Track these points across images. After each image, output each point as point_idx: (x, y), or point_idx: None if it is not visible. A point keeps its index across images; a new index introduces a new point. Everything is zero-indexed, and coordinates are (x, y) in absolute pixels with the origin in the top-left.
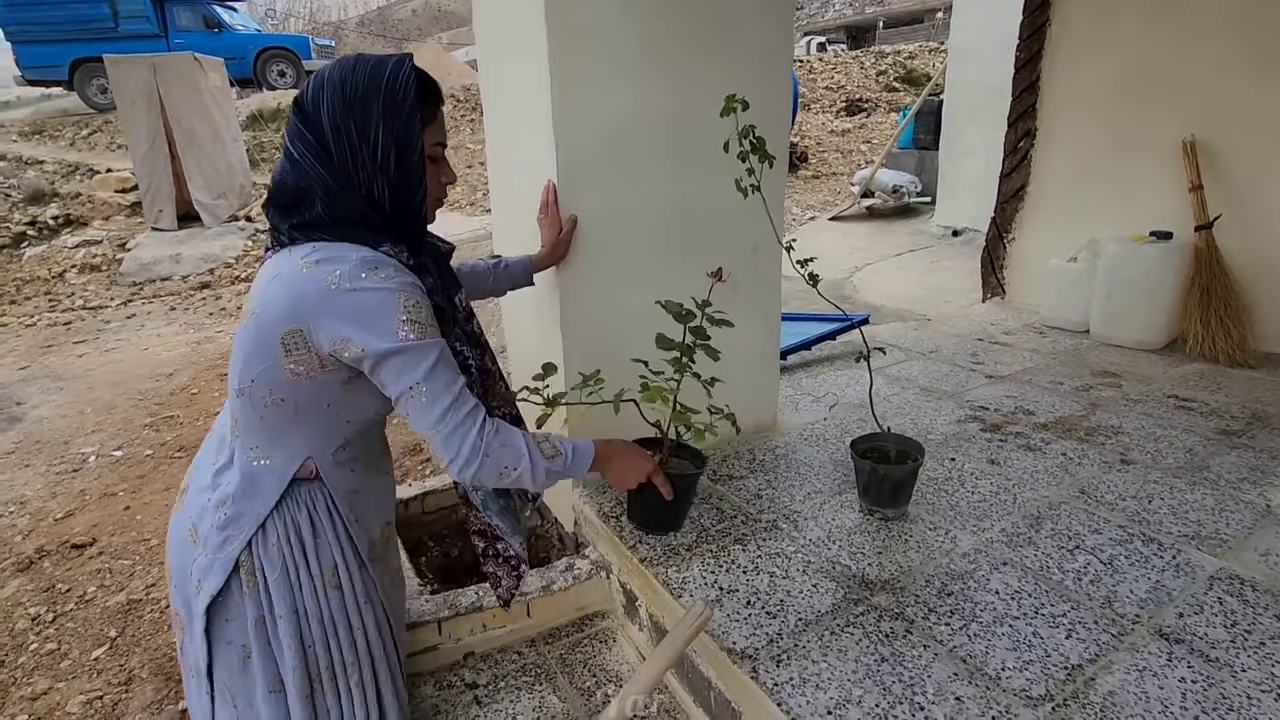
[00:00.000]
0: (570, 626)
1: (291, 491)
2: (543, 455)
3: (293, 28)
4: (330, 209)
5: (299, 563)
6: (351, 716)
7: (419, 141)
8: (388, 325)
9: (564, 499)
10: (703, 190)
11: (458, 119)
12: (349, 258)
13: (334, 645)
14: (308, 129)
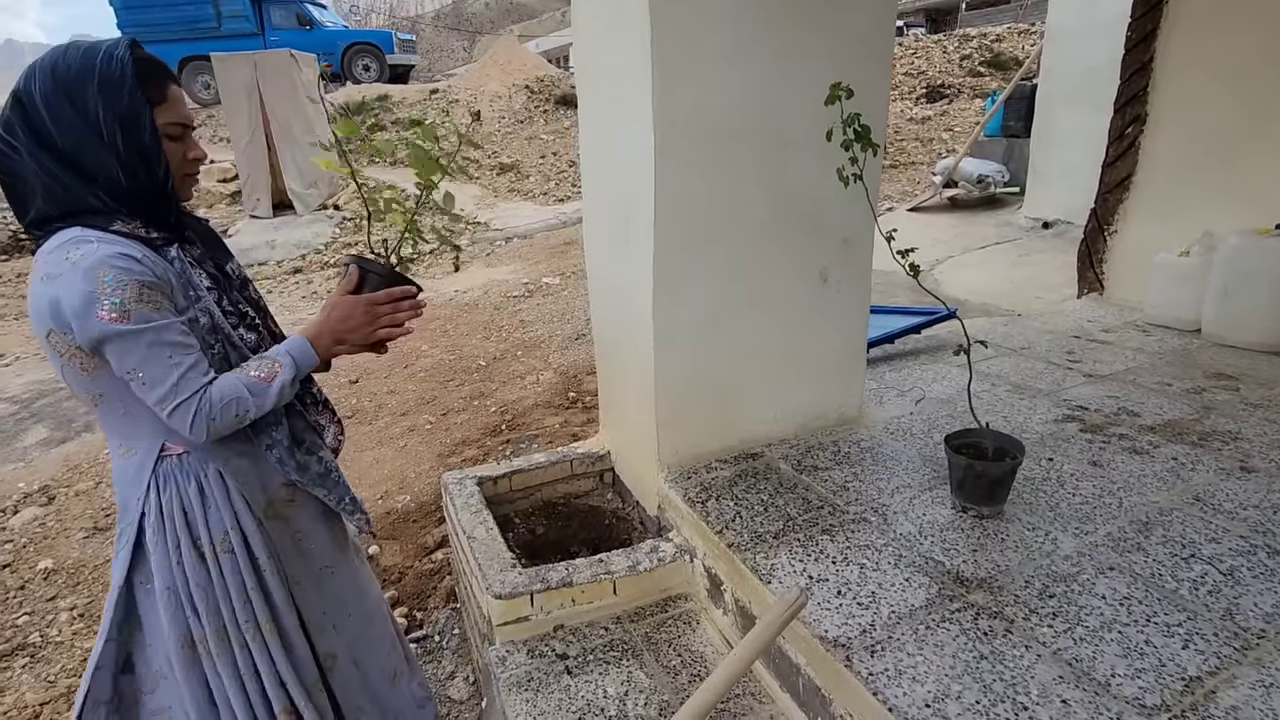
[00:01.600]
0: (654, 607)
1: (166, 469)
2: (264, 382)
3: (374, 23)
4: (51, 201)
5: (183, 535)
6: (249, 671)
7: (147, 119)
8: (91, 311)
9: (649, 483)
10: (797, 179)
11: (531, 110)
12: (51, 247)
13: (225, 609)
14: (27, 120)
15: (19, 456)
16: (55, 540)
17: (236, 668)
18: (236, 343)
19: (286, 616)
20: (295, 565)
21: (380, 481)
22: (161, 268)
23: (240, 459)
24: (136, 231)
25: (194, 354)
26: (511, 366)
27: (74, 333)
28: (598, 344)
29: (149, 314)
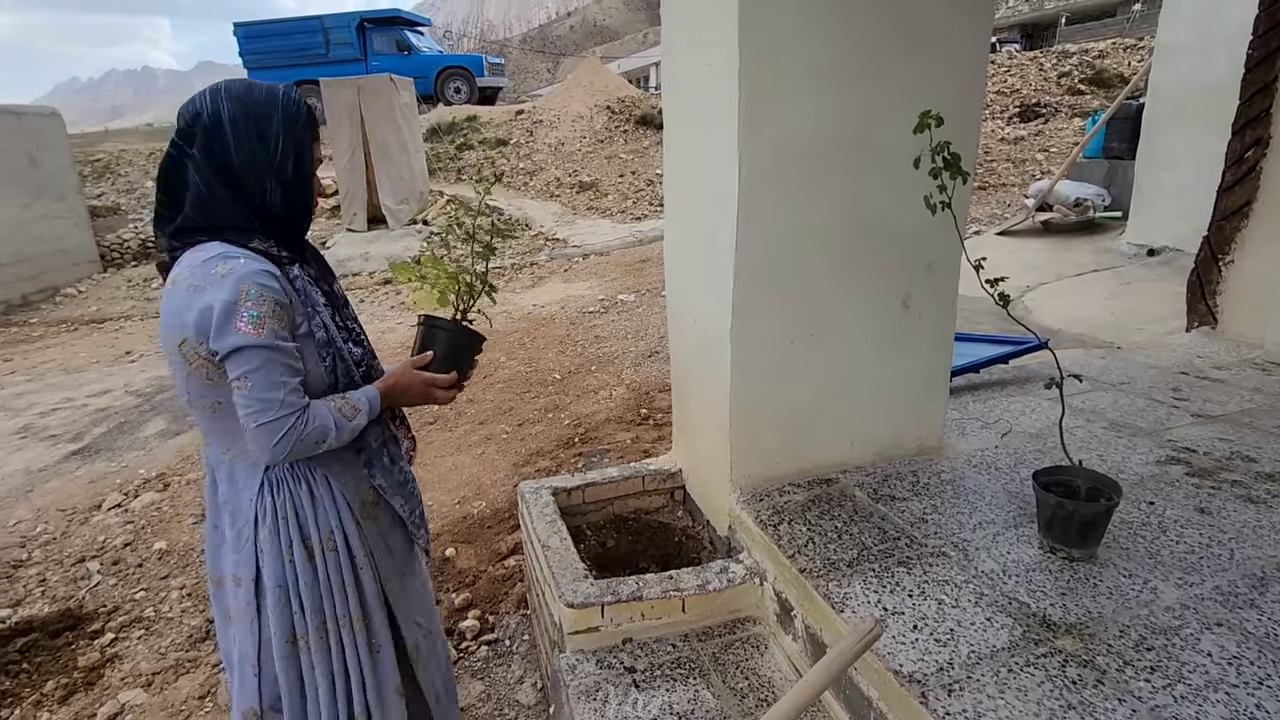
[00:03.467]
0: (722, 627)
1: (278, 473)
2: (346, 420)
3: (465, 47)
4: (201, 212)
5: (295, 535)
6: (341, 664)
7: (310, 152)
8: (231, 321)
9: (720, 503)
10: (881, 204)
11: (611, 130)
12: (199, 261)
13: (326, 604)
14: (208, 136)
15: (140, 445)
16: (169, 524)
17: (330, 664)
18: (345, 356)
19: (376, 613)
20: (385, 563)
21: (458, 487)
22: (288, 290)
23: (339, 463)
24: (270, 250)
25: (299, 378)
26: (585, 381)
27: (209, 341)
28: (674, 363)
29: (278, 331)
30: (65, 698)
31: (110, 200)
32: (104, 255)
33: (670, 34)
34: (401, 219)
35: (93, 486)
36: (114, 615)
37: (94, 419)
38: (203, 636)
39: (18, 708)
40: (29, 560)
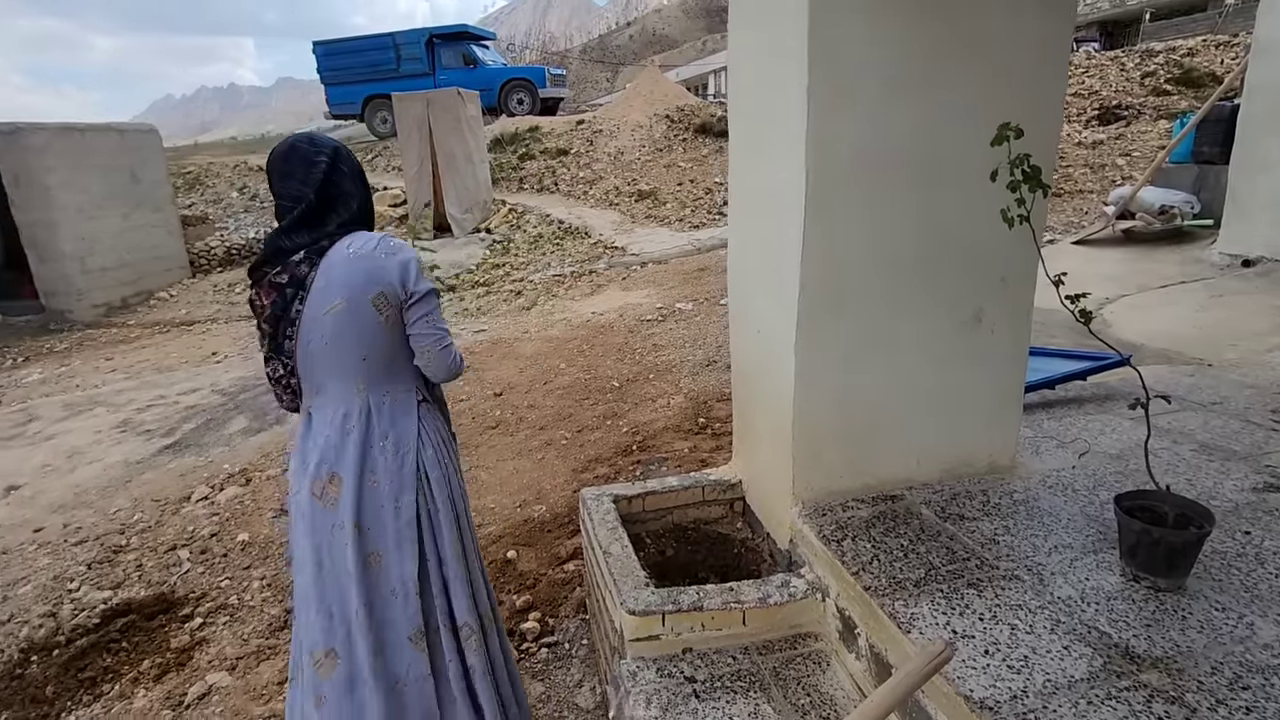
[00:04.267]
0: (783, 642)
1: (425, 409)
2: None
3: (527, 59)
4: (351, 212)
5: (449, 457)
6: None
7: None
8: (420, 273)
9: (781, 516)
10: (953, 216)
11: (670, 138)
12: (376, 239)
13: (467, 521)
14: (345, 166)
15: (225, 442)
16: (250, 517)
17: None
18: None
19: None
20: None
21: (519, 491)
22: None
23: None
24: None
25: None
26: (644, 389)
27: (409, 285)
28: (735, 373)
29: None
30: (159, 676)
31: (199, 210)
32: (193, 261)
33: (737, 46)
34: (466, 227)
35: (183, 479)
36: (202, 601)
37: (184, 416)
38: (281, 625)
39: (118, 683)
40: (127, 546)
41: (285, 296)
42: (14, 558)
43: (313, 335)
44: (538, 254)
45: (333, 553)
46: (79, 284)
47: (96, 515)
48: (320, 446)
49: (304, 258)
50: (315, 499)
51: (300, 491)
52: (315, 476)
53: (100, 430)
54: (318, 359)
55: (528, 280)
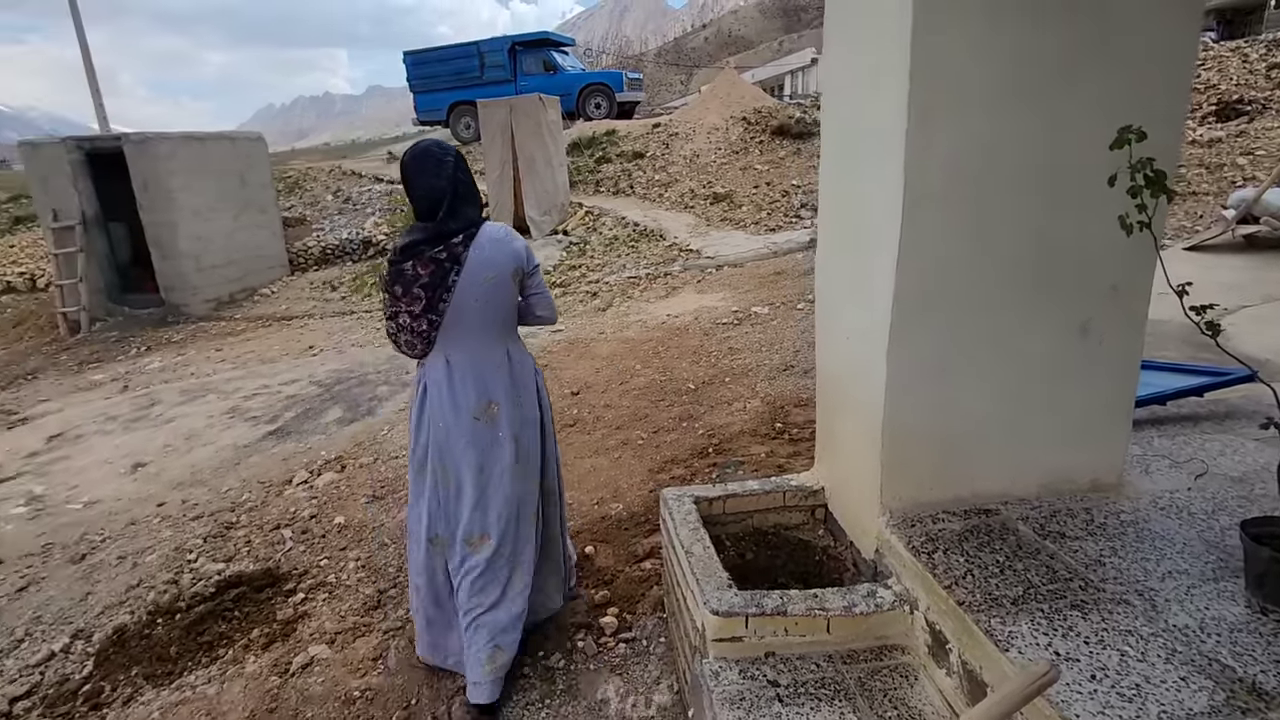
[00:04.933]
0: (868, 652)
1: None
2: None
3: (603, 63)
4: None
5: (546, 402)
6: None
7: None
8: (531, 254)
9: (866, 525)
10: (1060, 222)
11: (748, 141)
12: (504, 229)
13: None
14: (465, 165)
15: (322, 430)
16: (345, 501)
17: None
18: None
19: None
20: None
21: (596, 488)
22: None
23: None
24: None
25: None
26: (719, 392)
27: (526, 264)
28: (821, 379)
29: None
30: (267, 645)
31: (298, 212)
32: (291, 260)
33: (834, 53)
34: (544, 229)
35: (285, 464)
36: (304, 578)
37: (285, 404)
38: (374, 605)
39: (231, 648)
40: (237, 523)
41: (444, 269)
42: (141, 528)
43: (468, 300)
44: (613, 256)
45: (491, 457)
46: (194, 280)
47: (210, 493)
48: (474, 382)
49: (460, 240)
50: (477, 420)
51: (460, 418)
52: (476, 404)
53: (212, 415)
54: (469, 317)
55: (603, 282)
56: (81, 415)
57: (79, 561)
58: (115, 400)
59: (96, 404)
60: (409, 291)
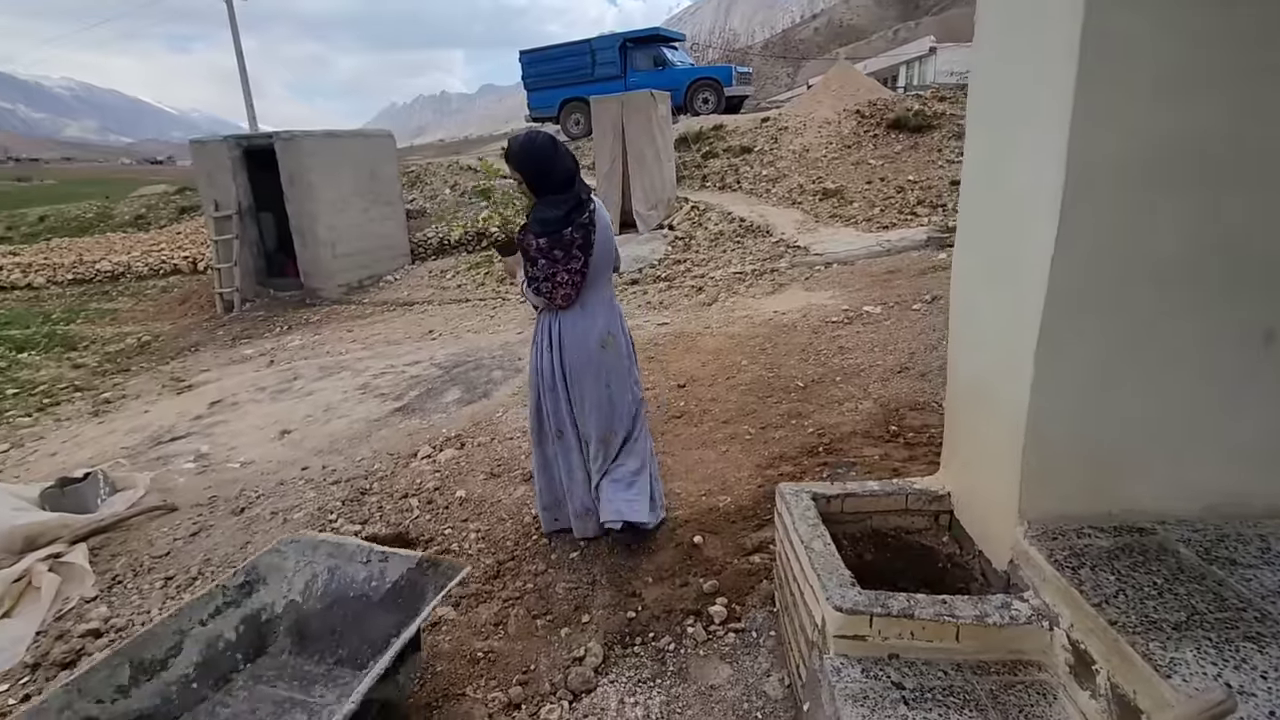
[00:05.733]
0: (1000, 666)
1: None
2: None
3: (709, 57)
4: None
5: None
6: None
7: None
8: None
9: (1000, 535)
10: (1245, 223)
11: (861, 135)
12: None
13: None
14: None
15: (443, 409)
16: (465, 477)
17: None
18: None
19: None
20: None
21: (704, 480)
22: None
23: None
24: None
25: None
26: (830, 391)
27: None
28: (954, 381)
29: None
30: None
31: (418, 205)
32: (413, 250)
33: (987, 34)
34: (650, 224)
35: (410, 439)
36: (430, 544)
37: (409, 384)
38: (494, 574)
39: None
40: (370, 490)
41: (589, 230)
42: (289, 489)
43: (599, 256)
44: (718, 251)
45: (615, 377)
46: (329, 267)
47: (346, 461)
48: (601, 318)
49: (593, 206)
50: (602, 349)
51: (590, 347)
52: (601, 337)
53: (346, 391)
54: (599, 267)
55: (709, 277)
56: (236, 385)
57: (239, 514)
58: (263, 373)
59: (248, 375)
60: (569, 252)
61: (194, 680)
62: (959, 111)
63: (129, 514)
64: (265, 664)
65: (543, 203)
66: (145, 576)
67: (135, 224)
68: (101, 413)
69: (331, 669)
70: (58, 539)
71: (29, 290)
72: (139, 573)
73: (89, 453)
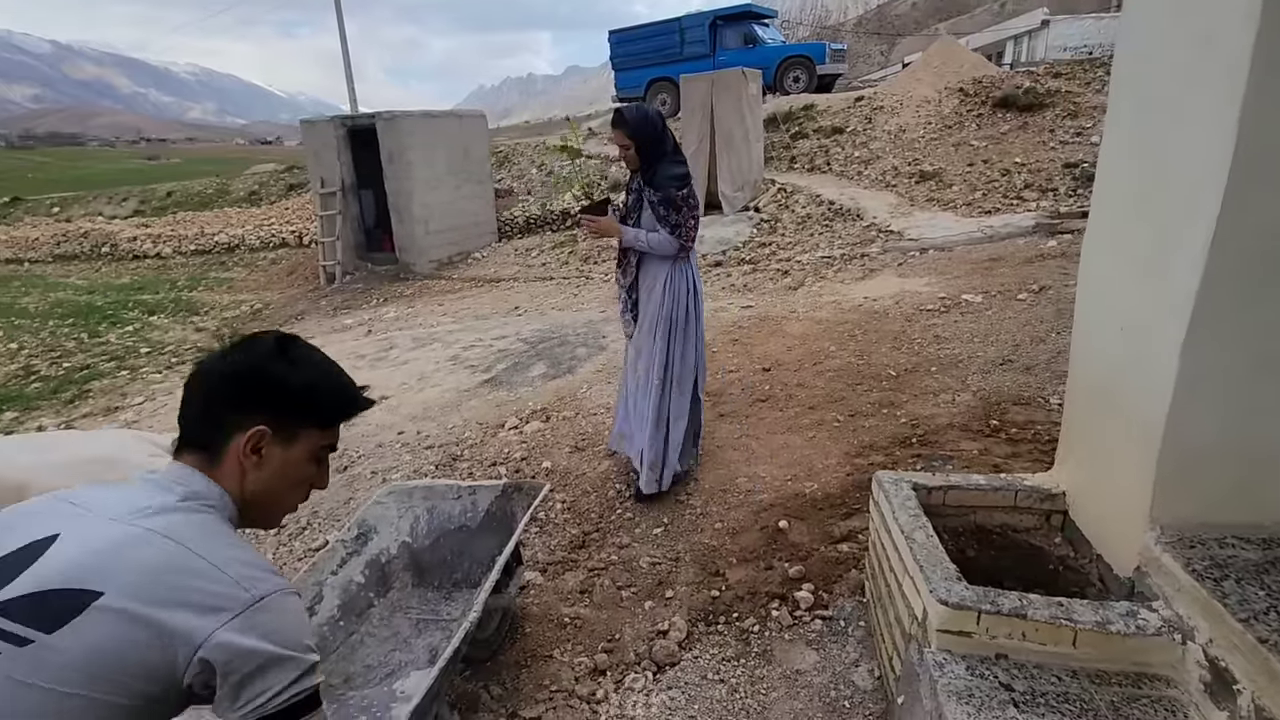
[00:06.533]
0: (1122, 677)
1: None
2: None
3: (799, 35)
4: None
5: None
6: None
7: None
8: None
9: (1126, 539)
10: None
11: (963, 114)
12: None
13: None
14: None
15: (528, 383)
16: (550, 449)
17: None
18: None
19: None
20: None
21: (789, 465)
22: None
23: None
24: None
25: None
26: (924, 382)
27: None
28: (1077, 372)
29: None
30: None
31: (506, 184)
32: (499, 228)
33: (1143, 5)
34: (736, 205)
35: (498, 409)
36: None
37: (497, 357)
38: (580, 544)
39: None
40: (461, 456)
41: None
42: (387, 451)
43: None
44: (805, 235)
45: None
46: (422, 243)
47: (439, 428)
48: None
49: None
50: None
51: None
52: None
53: (438, 361)
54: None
55: (795, 260)
56: (337, 352)
57: (341, 471)
58: (362, 342)
59: (348, 344)
60: (693, 216)
61: (340, 619)
62: (1075, 89)
63: None
64: (394, 597)
65: (665, 164)
66: None
67: (249, 199)
68: None
69: (450, 592)
70: None
71: (158, 259)
72: None
73: None
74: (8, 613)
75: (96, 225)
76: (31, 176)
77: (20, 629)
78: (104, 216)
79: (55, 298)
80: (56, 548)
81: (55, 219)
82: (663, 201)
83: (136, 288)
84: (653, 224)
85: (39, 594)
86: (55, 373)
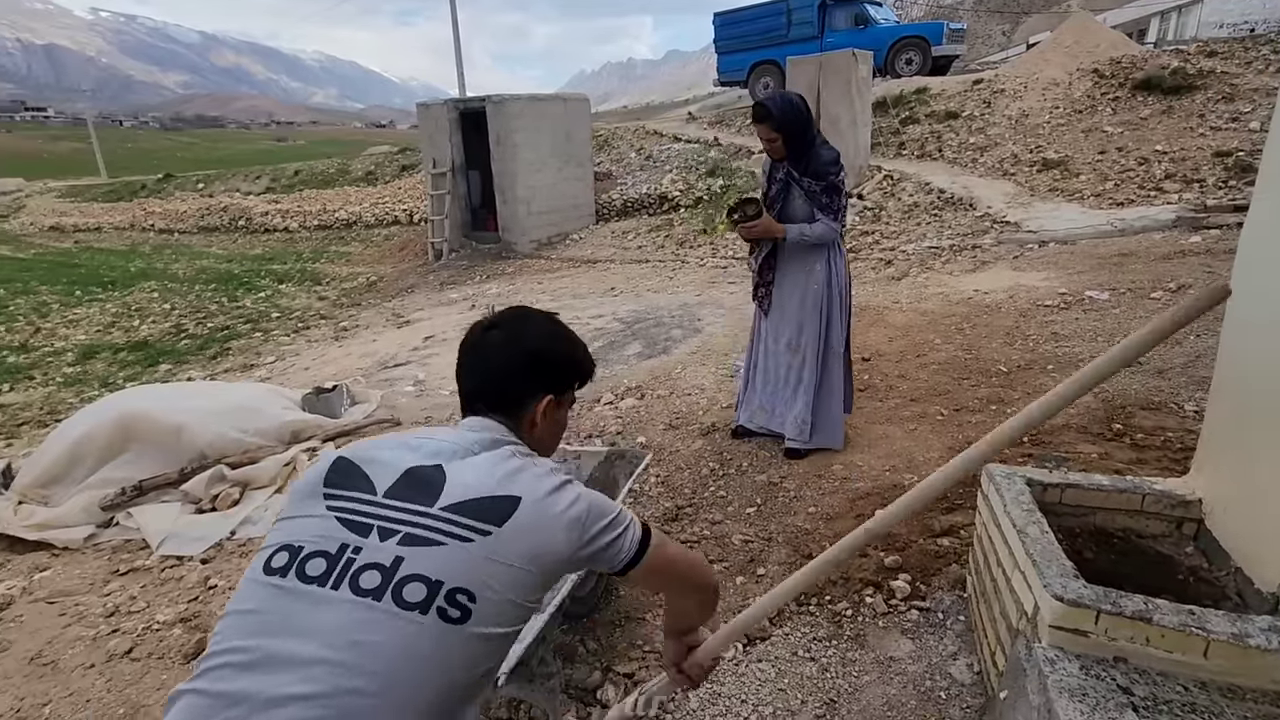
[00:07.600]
0: (1259, 694)
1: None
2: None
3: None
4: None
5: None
6: None
7: None
8: None
9: (1275, 552)
10: None
11: (1096, 98)
12: None
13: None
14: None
15: (624, 361)
16: (644, 424)
17: None
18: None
19: None
20: None
21: (888, 456)
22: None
23: None
24: None
25: None
26: (1039, 380)
27: None
28: (1223, 374)
29: None
30: None
31: (605, 168)
32: (598, 211)
33: None
34: None
35: (594, 386)
36: None
37: (593, 335)
38: (673, 517)
39: None
40: None
41: None
42: None
43: None
44: (911, 224)
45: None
46: (524, 223)
47: None
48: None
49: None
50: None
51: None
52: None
53: None
54: None
55: (899, 250)
56: (444, 324)
57: None
58: (467, 315)
59: (454, 316)
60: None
61: None
62: (1233, 69)
63: (365, 423)
64: None
65: (818, 150)
66: None
67: (365, 179)
68: (340, 338)
69: None
70: (314, 436)
71: (286, 233)
72: None
73: (332, 370)
74: (463, 511)
75: (234, 200)
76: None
77: (480, 524)
78: (240, 193)
79: (200, 265)
80: (454, 469)
81: (200, 194)
82: (826, 190)
83: (268, 258)
84: (805, 212)
85: (476, 500)
86: (201, 331)
